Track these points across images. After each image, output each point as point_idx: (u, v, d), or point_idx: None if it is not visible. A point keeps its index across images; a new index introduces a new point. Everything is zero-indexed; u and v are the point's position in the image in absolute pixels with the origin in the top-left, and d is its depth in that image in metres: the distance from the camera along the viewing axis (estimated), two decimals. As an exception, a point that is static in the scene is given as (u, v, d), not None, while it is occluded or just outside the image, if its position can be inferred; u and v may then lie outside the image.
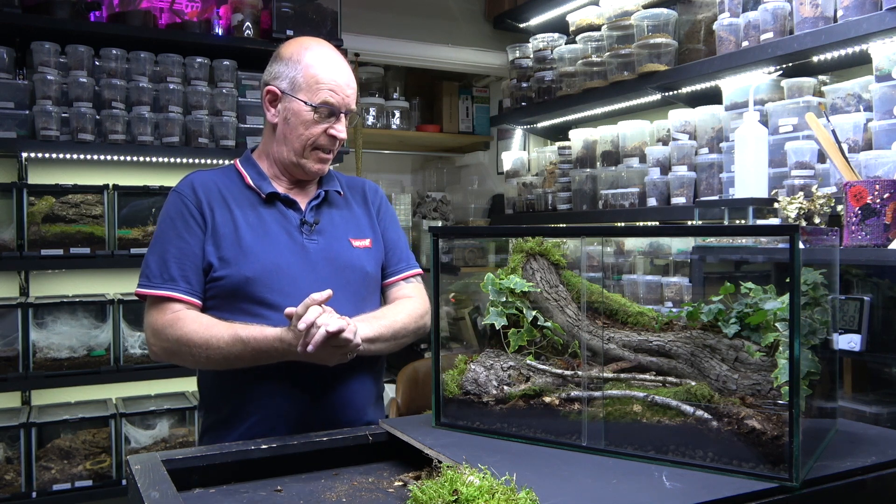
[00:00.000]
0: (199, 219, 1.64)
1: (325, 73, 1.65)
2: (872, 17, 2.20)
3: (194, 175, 1.72)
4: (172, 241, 1.63)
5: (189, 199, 1.66)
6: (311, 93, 1.65)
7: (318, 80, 1.65)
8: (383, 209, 1.87)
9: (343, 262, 1.69)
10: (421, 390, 2.61)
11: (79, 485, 2.87)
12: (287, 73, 1.67)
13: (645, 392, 1.36)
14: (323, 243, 1.69)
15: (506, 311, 1.55)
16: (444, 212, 4.96)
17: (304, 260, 1.65)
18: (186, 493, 1.30)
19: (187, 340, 1.54)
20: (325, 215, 1.73)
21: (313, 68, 1.65)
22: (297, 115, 1.66)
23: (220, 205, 1.67)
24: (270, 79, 1.70)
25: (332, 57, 1.69)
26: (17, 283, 3.13)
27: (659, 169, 3.13)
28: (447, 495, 1.05)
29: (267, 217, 1.68)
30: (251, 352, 1.51)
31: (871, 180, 2.05)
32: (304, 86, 1.65)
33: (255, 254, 1.62)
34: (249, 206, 1.69)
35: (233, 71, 3.24)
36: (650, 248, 3.17)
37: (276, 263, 1.62)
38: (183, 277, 1.60)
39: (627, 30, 3.24)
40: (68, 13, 2.96)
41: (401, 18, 4.19)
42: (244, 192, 1.71)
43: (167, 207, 1.68)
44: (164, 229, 1.66)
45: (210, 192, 1.68)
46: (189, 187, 1.68)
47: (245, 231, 1.64)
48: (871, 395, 2.21)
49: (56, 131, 2.91)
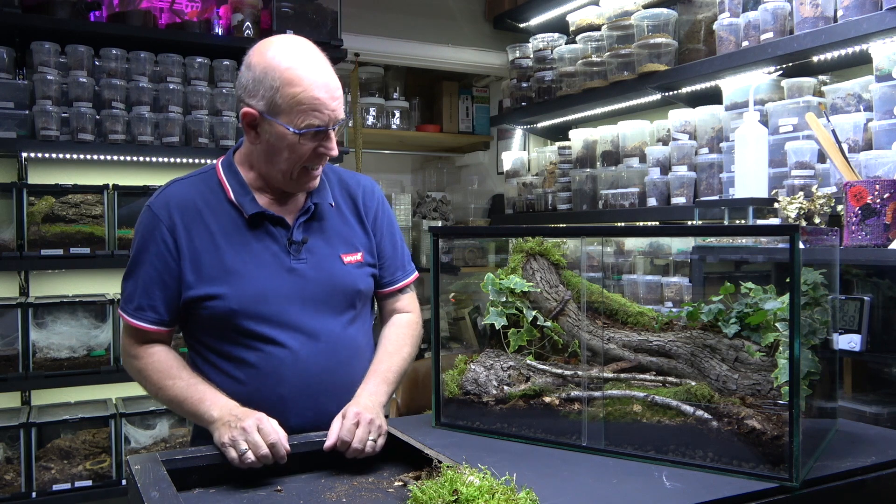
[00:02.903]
0: (172, 245, 1.53)
1: (304, 92, 1.46)
2: (872, 17, 2.20)
3: (171, 190, 1.59)
4: (143, 268, 1.55)
5: (163, 221, 1.54)
6: (293, 116, 1.48)
7: (299, 102, 1.47)
8: (380, 213, 1.74)
9: (333, 283, 1.60)
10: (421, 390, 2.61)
11: (79, 485, 2.87)
12: (262, 91, 1.48)
13: (645, 392, 1.36)
14: (312, 262, 1.58)
15: (506, 311, 1.55)
16: (444, 212, 4.96)
17: (292, 284, 1.56)
18: (186, 493, 1.30)
19: (144, 378, 1.57)
20: (314, 229, 1.62)
21: (290, 86, 1.46)
22: (282, 139, 1.50)
23: (199, 225, 1.55)
24: (245, 95, 1.52)
25: (309, 65, 1.48)
26: (17, 283, 3.13)
27: (659, 169, 3.13)
28: (447, 495, 1.05)
29: (251, 237, 1.56)
30: (190, 414, 1.51)
31: (871, 180, 2.05)
32: (284, 108, 1.47)
33: (239, 283, 1.52)
34: (231, 223, 1.56)
35: (233, 71, 3.24)
36: (650, 248, 3.17)
37: (261, 293, 1.53)
38: (151, 307, 1.54)
39: (627, 30, 3.24)
40: (68, 13, 2.96)
41: (401, 18, 4.19)
42: (226, 208, 1.57)
43: (141, 226, 1.57)
44: (136, 252, 1.57)
45: (187, 210, 1.55)
46: (164, 208, 1.55)
47: (227, 254, 1.54)
48: (871, 395, 2.21)
49: (56, 131, 2.91)
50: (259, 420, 1.37)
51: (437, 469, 1.24)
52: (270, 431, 1.36)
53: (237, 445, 1.34)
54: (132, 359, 1.59)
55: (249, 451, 1.33)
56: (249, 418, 1.37)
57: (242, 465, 1.33)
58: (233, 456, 1.33)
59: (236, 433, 1.35)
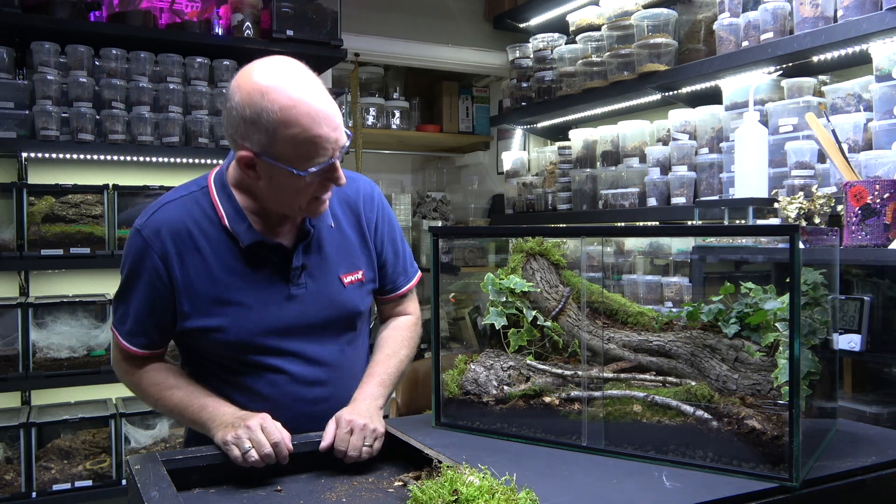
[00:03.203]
0: (165, 274, 1.46)
1: (304, 132, 1.33)
2: (872, 17, 2.20)
3: (162, 214, 1.48)
4: (134, 295, 1.49)
5: (155, 249, 1.45)
6: (296, 160, 1.36)
7: (300, 144, 1.35)
8: (380, 222, 1.66)
9: (333, 308, 1.56)
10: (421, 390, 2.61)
11: (79, 485, 2.87)
12: (257, 136, 1.35)
13: (645, 392, 1.36)
14: (312, 288, 1.53)
15: (506, 311, 1.55)
16: (444, 212, 4.96)
17: (292, 312, 1.51)
18: (186, 493, 1.30)
19: (141, 391, 1.56)
20: (313, 251, 1.55)
21: (288, 128, 1.32)
22: (285, 180, 1.40)
23: (193, 253, 1.47)
24: (237, 137, 1.38)
25: (303, 99, 1.33)
26: (17, 283, 3.13)
27: (659, 169, 3.14)
28: (447, 495, 1.05)
29: (248, 264, 1.49)
30: (192, 422, 1.50)
31: (871, 180, 2.05)
32: (284, 152, 1.35)
33: (237, 315, 1.47)
34: (227, 250, 1.48)
35: (233, 71, 3.24)
36: (650, 248, 3.18)
37: (261, 325, 1.49)
38: (143, 334, 1.51)
39: (627, 30, 3.24)
40: (68, 13, 2.96)
41: (401, 18, 4.19)
42: (220, 234, 1.48)
43: (131, 251, 1.48)
44: (126, 277, 1.49)
45: (180, 236, 1.46)
46: (156, 234, 1.46)
47: (224, 284, 1.47)
48: (871, 395, 2.21)
49: (56, 131, 2.91)
50: (263, 419, 1.37)
51: (437, 469, 1.24)
52: (274, 430, 1.36)
53: (240, 444, 1.33)
54: (126, 374, 1.57)
55: (253, 450, 1.33)
56: (253, 418, 1.38)
57: (245, 463, 1.33)
58: (236, 454, 1.33)
59: (240, 431, 1.35)
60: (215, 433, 1.40)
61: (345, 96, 3.62)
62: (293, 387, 1.53)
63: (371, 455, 1.40)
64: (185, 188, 1.54)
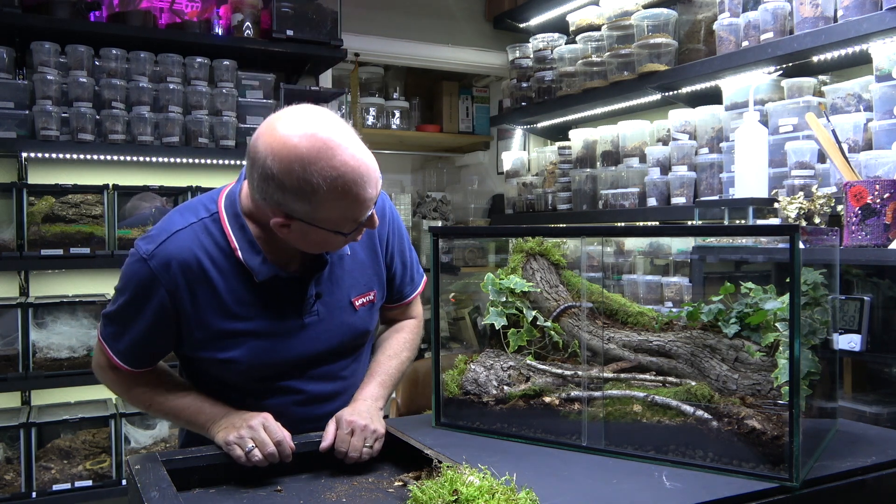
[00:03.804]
0: (172, 308, 1.39)
1: (356, 200, 1.29)
2: (872, 17, 2.20)
3: (172, 245, 1.39)
4: (135, 323, 1.42)
5: (163, 282, 1.37)
6: (341, 223, 1.33)
7: (348, 209, 1.30)
8: (391, 237, 1.62)
9: (345, 333, 1.54)
10: (421, 390, 2.61)
11: (79, 485, 2.87)
12: (299, 206, 1.29)
13: (645, 392, 1.36)
14: (324, 314, 1.50)
15: (506, 311, 1.55)
16: (444, 212, 4.96)
17: (305, 340, 1.49)
18: (186, 493, 1.29)
19: (129, 396, 1.53)
20: (325, 278, 1.50)
21: (340, 199, 1.27)
22: (324, 236, 1.35)
23: (204, 285, 1.40)
24: (272, 203, 1.30)
25: (348, 162, 1.26)
26: (17, 283, 3.13)
27: (659, 169, 3.14)
28: (447, 495, 1.05)
29: (261, 295, 1.44)
30: (189, 424, 1.48)
31: (871, 180, 2.05)
32: (329, 220, 1.31)
33: (251, 346, 1.44)
34: (239, 282, 1.42)
35: (233, 71, 3.24)
36: (650, 248, 3.18)
37: (275, 355, 1.46)
38: (137, 357, 1.46)
39: (627, 30, 3.24)
40: (68, 13, 2.96)
41: (401, 18, 4.19)
42: (233, 265, 1.41)
43: (135, 278, 1.39)
44: (126, 303, 1.41)
45: (190, 269, 1.39)
46: (165, 267, 1.37)
47: (237, 317, 1.43)
48: (871, 395, 2.21)
49: (56, 131, 2.91)
50: (265, 418, 1.37)
51: (437, 469, 1.24)
52: (276, 429, 1.36)
53: (243, 444, 1.33)
54: (113, 382, 1.52)
55: (256, 449, 1.32)
56: (255, 417, 1.37)
57: (249, 463, 1.32)
58: (239, 454, 1.33)
59: (243, 431, 1.35)
60: (216, 434, 1.39)
61: (345, 96, 3.62)
62: (304, 408, 1.53)
63: (371, 456, 1.40)
64: (194, 212, 1.45)
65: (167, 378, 1.54)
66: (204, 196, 1.50)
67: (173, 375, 1.56)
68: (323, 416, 1.53)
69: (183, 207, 1.48)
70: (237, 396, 1.49)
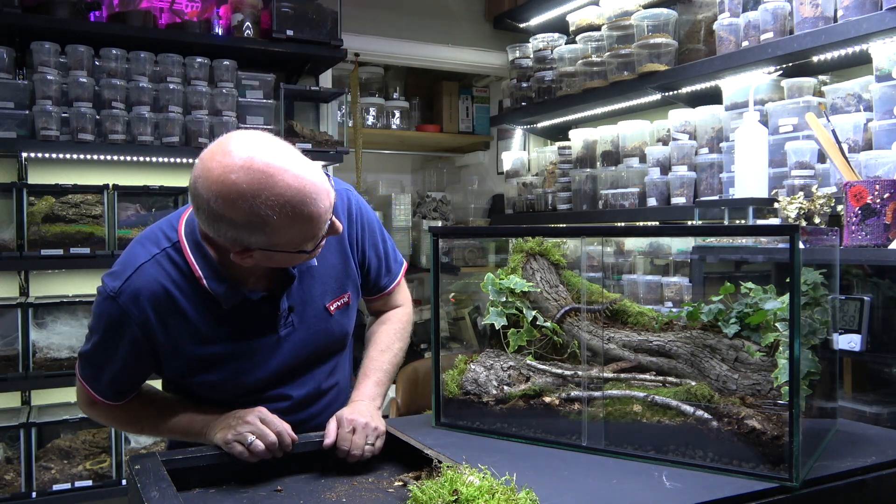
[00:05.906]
0: (145, 342, 1.39)
1: (310, 222, 1.28)
2: (872, 17, 2.20)
3: (138, 279, 1.37)
4: (110, 361, 1.41)
5: (134, 317, 1.36)
6: (300, 242, 1.32)
7: (306, 230, 1.29)
8: (360, 233, 1.60)
9: (322, 338, 1.54)
10: (421, 390, 2.61)
11: (79, 485, 2.87)
12: (254, 238, 1.27)
13: (645, 392, 1.36)
14: (299, 325, 1.49)
15: (506, 311, 1.55)
16: (444, 212, 4.96)
17: (282, 352, 1.48)
18: (186, 493, 1.30)
19: (118, 424, 1.55)
20: (297, 289, 1.49)
21: (294, 224, 1.26)
22: (286, 256, 1.34)
23: (175, 315, 1.39)
24: (227, 240, 1.29)
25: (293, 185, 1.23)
26: (17, 283, 3.13)
27: (659, 169, 3.14)
28: (447, 495, 1.05)
29: (233, 317, 1.43)
30: (181, 434, 1.48)
31: (871, 180, 2.05)
32: (288, 243, 1.30)
33: (228, 367, 1.44)
34: (209, 308, 1.41)
35: (233, 71, 3.24)
36: (650, 248, 3.18)
37: (253, 373, 1.47)
38: (117, 391, 1.46)
39: (627, 30, 3.24)
40: (68, 13, 2.96)
41: (401, 18, 4.19)
42: (200, 292, 1.40)
43: (105, 317, 1.38)
44: (99, 343, 1.40)
45: (159, 301, 1.38)
46: (134, 302, 1.36)
47: (211, 342, 1.42)
48: (871, 395, 2.21)
49: (56, 131, 2.91)
50: (261, 412, 1.38)
51: (437, 469, 1.24)
52: (274, 421, 1.36)
53: (243, 438, 1.33)
54: (99, 416, 1.52)
55: (258, 440, 1.32)
56: (250, 413, 1.38)
57: (251, 457, 1.32)
58: (240, 450, 1.32)
59: (241, 428, 1.35)
60: (214, 436, 1.39)
61: (345, 96, 3.62)
62: (293, 412, 1.52)
63: (373, 453, 1.40)
64: (155, 242, 1.42)
65: (152, 398, 1.54)
66: (163, 222, 1.47)
67: (157, 393, 1.56)
68: (315, 415, 1.54)
69: (143, 237, 1.45)
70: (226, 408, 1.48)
